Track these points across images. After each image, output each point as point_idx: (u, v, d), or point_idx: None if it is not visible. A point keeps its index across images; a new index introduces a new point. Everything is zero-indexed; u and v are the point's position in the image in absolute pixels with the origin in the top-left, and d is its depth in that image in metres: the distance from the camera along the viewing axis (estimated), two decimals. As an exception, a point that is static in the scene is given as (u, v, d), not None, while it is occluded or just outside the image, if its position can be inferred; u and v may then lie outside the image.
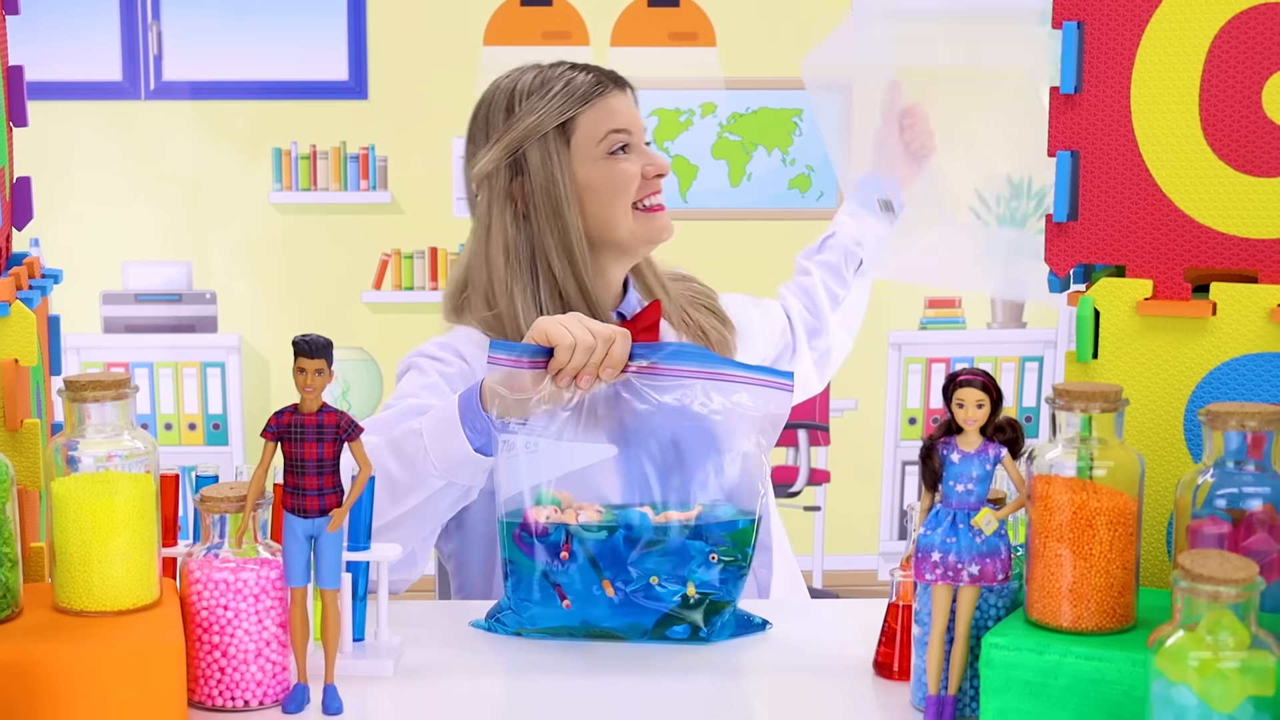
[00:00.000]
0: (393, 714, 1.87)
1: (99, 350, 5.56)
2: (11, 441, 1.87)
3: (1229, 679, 1.45)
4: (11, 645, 1.63)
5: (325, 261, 5.59)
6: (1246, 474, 1.67)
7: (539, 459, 2.07)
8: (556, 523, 2.03)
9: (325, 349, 1.76)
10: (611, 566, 2.04)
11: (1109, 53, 1.90)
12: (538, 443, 2.07)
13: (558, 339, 2.08)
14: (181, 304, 5.58)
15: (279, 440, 1.78)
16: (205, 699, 1.81)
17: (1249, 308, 1.84)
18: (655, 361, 2.10)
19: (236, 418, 5.63)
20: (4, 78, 2.04)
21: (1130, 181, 1.90)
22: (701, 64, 5.58)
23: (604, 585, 2.03)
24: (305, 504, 1.78)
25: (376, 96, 5.57)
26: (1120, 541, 1.68)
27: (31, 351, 1.88)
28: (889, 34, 2.70)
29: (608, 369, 2.09)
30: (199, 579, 1.80)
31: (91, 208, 5.46)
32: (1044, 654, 1.66)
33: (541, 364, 2.09)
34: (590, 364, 2.08)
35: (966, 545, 1.72)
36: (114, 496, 1.74)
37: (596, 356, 2.08)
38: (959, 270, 3.25)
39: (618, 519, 2.05)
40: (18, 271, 1.99)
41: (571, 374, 2.09)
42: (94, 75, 5.47)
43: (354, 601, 1.99)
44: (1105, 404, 1.70)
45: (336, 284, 5.59)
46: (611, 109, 2.57)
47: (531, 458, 2.06)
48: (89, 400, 1.75)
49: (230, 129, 5.52)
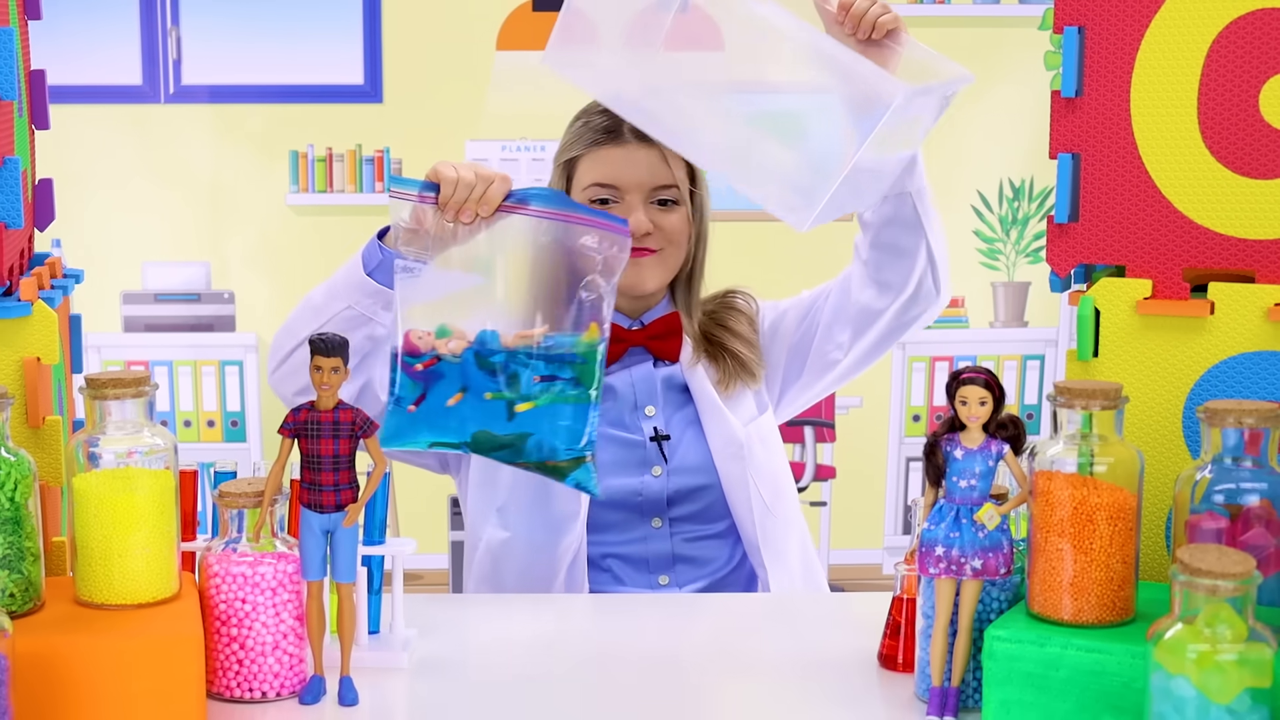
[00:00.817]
0: (407, 705, 1.87)
1: (119, 349, 5.55)
2: (34, 438, 1.87)
3: (1227, 671, 1.45)
4: (34, 638, 1.64)
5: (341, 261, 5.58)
6: (1244, 470, 1.67)
7: (420, 282, 2.18)
8: (430, 348, 2.13)
9: (341, 347, 1.76)
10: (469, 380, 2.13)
11: (1109, 57, 1.90)
12: (421, 267, 2.19)
13: (444, 175, 2.19)
14: (200, 303, 5.57)
15: (296, 437, 1.79)
16: (224, 690, 1.81)
17: (1246, 307, 1.84)
18: (522, 201, 2.21)
19: (254, 415, 5.62)
20: (27, 81, 2.05)
21: (1130, 183, 1.90)
22: (710, 67, 5.57)
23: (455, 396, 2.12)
24: (321, 499, 1.78)
25: (391, 100, 5.56)
26: (1120, 536, 1.68)
27: (53, 350, 1.88)
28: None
29: (484, 205, 2.18)
30: (217, 573, 1.80)
31: (112, 209, 5.46)
32: (1045, 646, 1.66)
33: (431, 199, 2.19)
34: (471, 199, 2.18)
35: (969, 540, 1.72)
36: (134, 492, 1.74)
37: (475, 193, 2.18)
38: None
39: (476, 340, 2.15)
40: (40, 271, 2.00)
41: (455, 208, 2.18)
42: (114, 79, 5.46)
43: (369, 595, 1.99)
44: (1105, 401, 1.70)
45: (352, 284, 5.58)
46: (603, 160, 2.60)
47: (414, 280, 2.18)
48: (110, 398, 1.76)
49: (248, 132, 5.52)
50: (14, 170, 1.84)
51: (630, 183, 2.58)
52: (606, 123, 2.60)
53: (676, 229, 2.61)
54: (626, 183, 2.58)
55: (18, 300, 1.86)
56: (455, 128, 5.56)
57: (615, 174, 2.58)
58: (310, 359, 1.76)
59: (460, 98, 5.55)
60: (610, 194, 2.58)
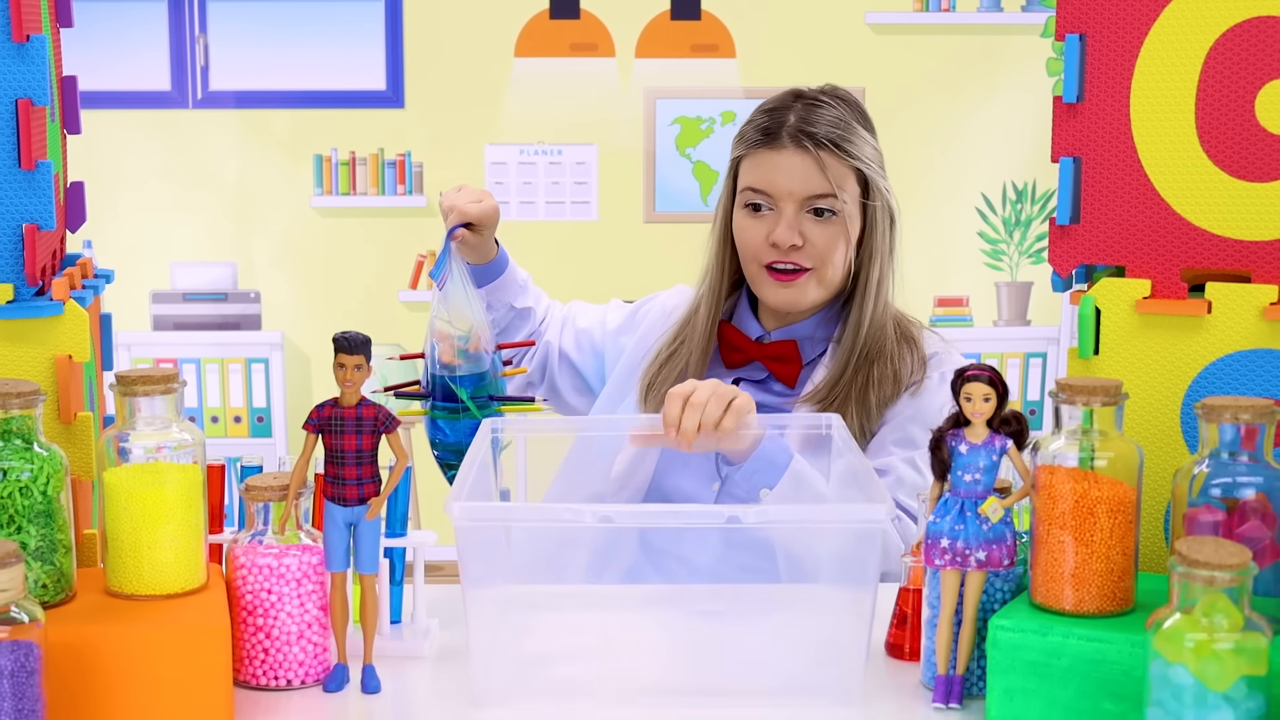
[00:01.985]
0: (428, 693, 1.87)
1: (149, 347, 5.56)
2: (66, 433, 1.88)
3: (1223, 659, 1.45)
4: (66, 627, 1.64)
5: (363, 262, 5.59)
6: (1240, 464, 1.67)
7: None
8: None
9: (364, 345, 1.76)
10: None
11: (1109, 64, 1.89)
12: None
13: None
14: (227, 303, 5.58)
15: (320, 432, 1.79)
16: (250, 678, 1.82)
17: (1243, 306, 1.84)
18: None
19: (279, 411, 5.63)
20: (59, 87, 2.05)
21: (1130, 186, 1.90)
22: (721, 74, 5.56)
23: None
24: (345, 493, 1.78)
25: (412, 105, 5.56)
26: (1120, 529, 1.68)
27: (85, 348, 1.88)
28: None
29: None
30: (244, 564, 1.80)
31: (141, 211, 5.46)
32: (1047, 635, 1.66)
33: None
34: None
35: (974, 532, 1.72)
36: (163, 486, 1.75)
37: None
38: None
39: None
40: (71, 272, 2.00)
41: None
42: (144, 85, 5.47)
43: (391, 585, 1.99)
44: (1106, 398, 1.69)
45: (374, 283, 5.59)
46: (761, 163, 2.46)
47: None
48: (139, 394, 1.76)
49: (273, 136, 5.53)
50: (46, 173, 1.85)
51: (782, 189, 2.44)
52: (766, 123, 2.48)
53: (828, 243, 2.44)
54: (778, 189, 2.44)
55: (50, 300, 1.87)
56: (474, 132, 5.57)
57: (767, 180, 2.45)
58: (334, 356, 1.76)
59: (479, 103, 5.55)
60: (763, 200, 2.46)
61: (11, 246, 1.86)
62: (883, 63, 5.50)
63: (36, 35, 1.83)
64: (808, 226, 2.43)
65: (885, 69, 5.49)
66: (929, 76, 5.51)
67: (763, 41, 5.55)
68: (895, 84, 5.48)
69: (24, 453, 1.70)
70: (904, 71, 5.50)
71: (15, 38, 1.82)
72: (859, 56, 5.50)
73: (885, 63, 5.51)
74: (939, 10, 5.48)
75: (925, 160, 5.44)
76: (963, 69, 5.51)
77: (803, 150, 2.42)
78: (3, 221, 1.85)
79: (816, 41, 5.49)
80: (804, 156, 2.42)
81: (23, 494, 1.69)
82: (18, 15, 1.82)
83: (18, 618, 1.49)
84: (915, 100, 5.48)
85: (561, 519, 1.77)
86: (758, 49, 5.57)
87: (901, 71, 5.50)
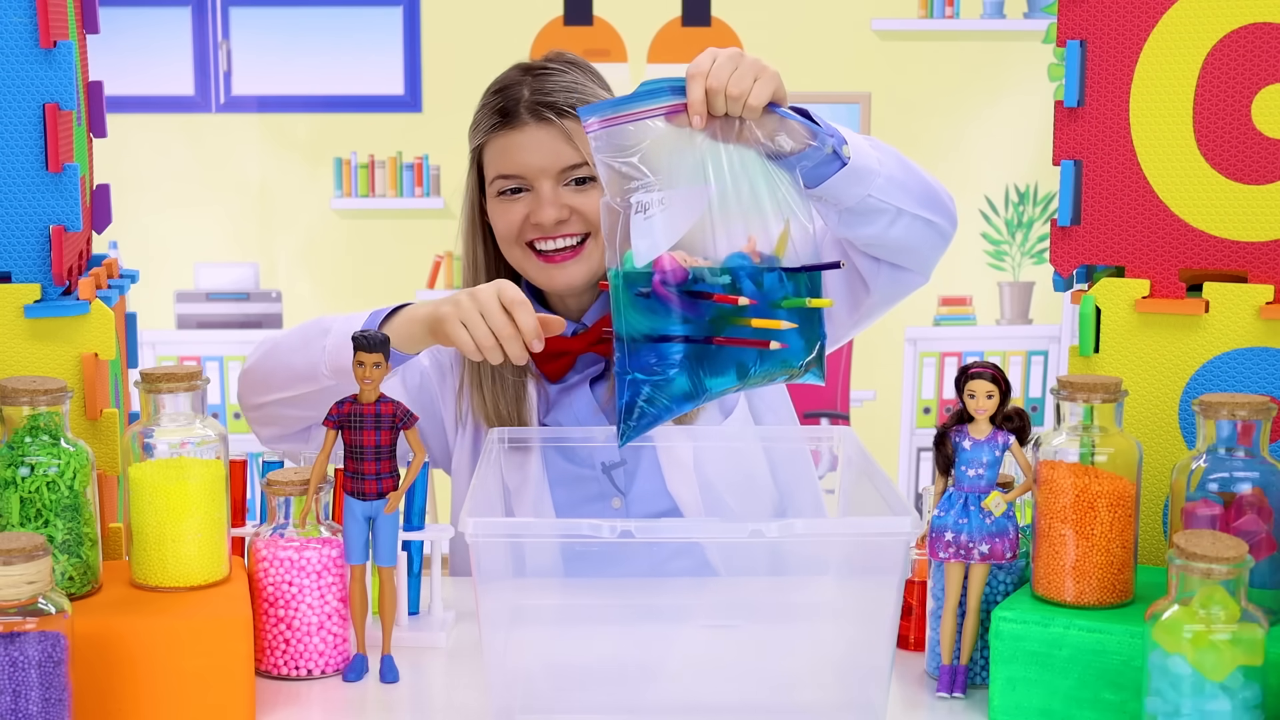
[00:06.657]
0: (445, 683, 1.87)
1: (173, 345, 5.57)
2: (92, 429, 1.88)
3: (1220, 650, 1.45)
4: (92, 619, 1.64)
5: (382, 263, 5.59)
6: (1237, 460, 1.67)
7: (671, 214, 1.84)
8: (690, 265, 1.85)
9: (383, 344, 1.76)
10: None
11: (1109, 69, 1.89)
12: (667, 197, 1.84)
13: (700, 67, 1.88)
14: (249, 302, 5.58)
15: (339, 428, 1.79)
16: (271, 668, 1.82)
17: (1239, 306, 1.84)
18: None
19: (300, 407, 5.64)
20: (85, 92, 2.05)
21: (1129, 188, 1.90)
22: (731, 79, 5.56)
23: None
24: (364, 487, 1.78)
25: (430, 110, 5.56)
26: (1120, 522, 1.68)
27: (110, 346, 1.89)
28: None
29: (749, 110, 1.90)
30: (265, 557, 1.81)
31: (166, 213, 5.47)
32: (1049, 626, 1.66)
33: (680, 106, 1.87)
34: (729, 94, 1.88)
35: (977, 526, 1.72)
36: (186, 480, 1.75)
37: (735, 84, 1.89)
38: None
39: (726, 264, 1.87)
40: (97, 272, 2.00)
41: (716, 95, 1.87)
42: (168, 90, 5.47)
43: (409, 578, 2.00)
44: (1106, 395, 1.69)
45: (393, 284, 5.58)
46: (506, 147, 2.24)
47: (666, 213, 1.83)
48: (163, 391, 1.76)
49: (294, 140, 5.53)
50: (73, 176, 1.85)
51: (534, 168, 2.22)
52: (500, 103, 2.25)
53: (596, 206, 2.20)
54: (530, 169, 2.22)
55: (76, 299, 1.87)
56: (490, 136, 5.57)
57: (516, 162, 2.23)
58: (353, 355, 1.76)
59: (495, 107, 5.55)
60: (516, 183, 2.24)
61: (39, 247, 1.86)
62: (889, 68, 5.50)
63: (63, 41, 1.84)
64: (570, 197, 2.23)
65: (891, 75, 5.49)
66: (934, 82, 5.51)
67: (771, 47, 5.54)
68: (901, 89, 5.48)
69: (51, 448, 1.70)
70: (909, 77, 5.50)
71: (43, 44, 1.82)
72: (865, 62, 5.50)
73: (891, 68, 5.50)
74: (943, 17, 5.48)
75: (929, 163, 5.38)
76: (966, 74, 5.50)
77: (545, 123, 2.22)
78: (30, 223, 1.85)
79: (823, 47, 5.48)
80: (548, 129, 2.22)
81: (50, 488, 1.69)
82: (45, 22, 1.82)
83: (45, 609, 1.49)
84: (920, 105, 5.47)
85: (579, 534, 1.66)
86: (766, 54, 5.55)
87: (907, 77, 5.50)
